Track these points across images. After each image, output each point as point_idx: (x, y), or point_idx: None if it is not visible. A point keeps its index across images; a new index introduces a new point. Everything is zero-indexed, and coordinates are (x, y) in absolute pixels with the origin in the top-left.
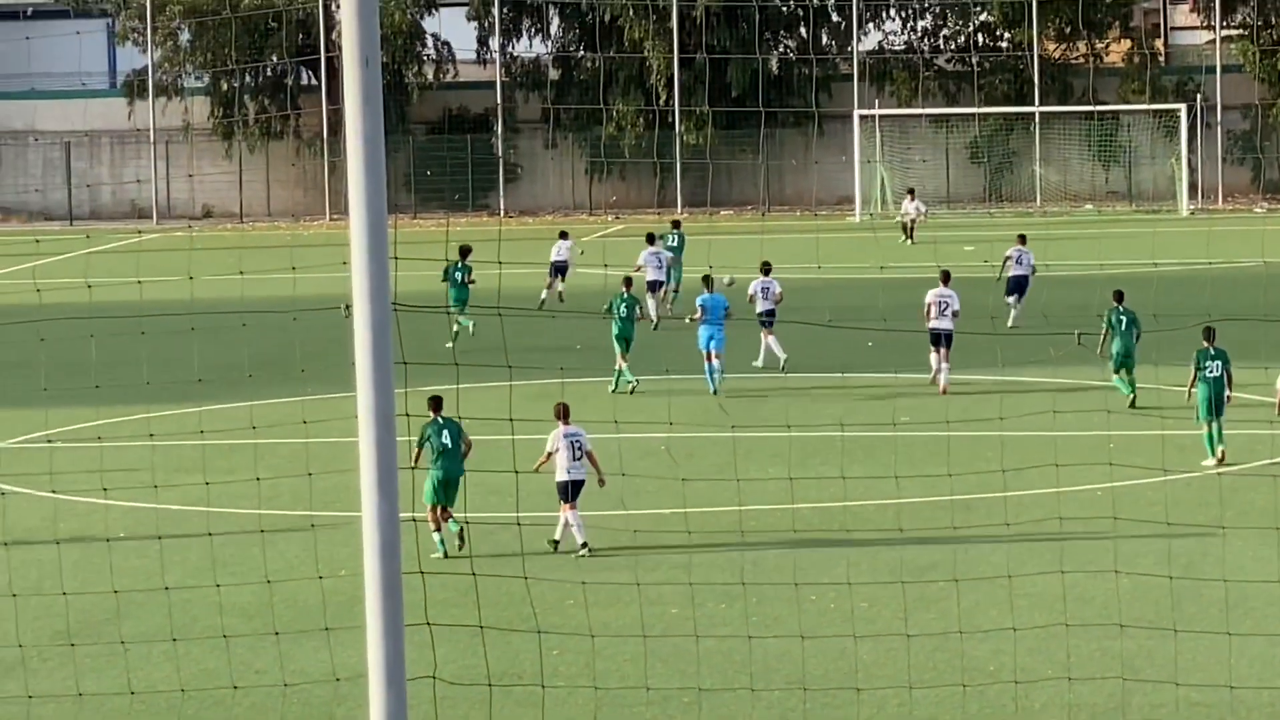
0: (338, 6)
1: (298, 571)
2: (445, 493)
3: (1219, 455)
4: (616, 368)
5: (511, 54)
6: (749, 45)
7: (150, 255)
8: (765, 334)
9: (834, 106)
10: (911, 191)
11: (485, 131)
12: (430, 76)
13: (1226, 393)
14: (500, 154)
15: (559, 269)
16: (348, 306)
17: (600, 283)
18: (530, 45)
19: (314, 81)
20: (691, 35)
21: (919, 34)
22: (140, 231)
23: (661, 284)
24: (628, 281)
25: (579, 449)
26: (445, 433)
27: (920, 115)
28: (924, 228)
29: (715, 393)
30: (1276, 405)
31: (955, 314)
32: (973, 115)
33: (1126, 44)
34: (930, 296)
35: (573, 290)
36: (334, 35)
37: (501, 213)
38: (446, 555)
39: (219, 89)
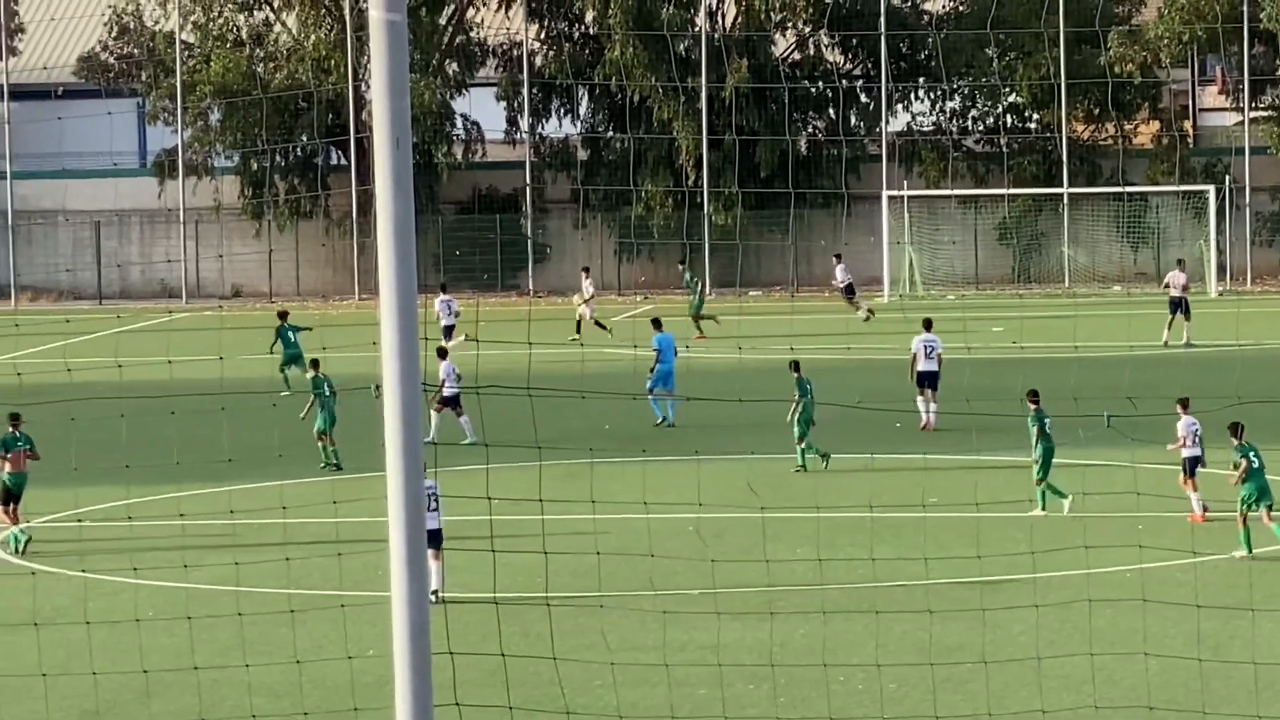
0: (368, 87)
1: (326, 651)
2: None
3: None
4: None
5: (541, 134)
6: (778, 126)
7: (180, 335)
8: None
9: (863, 187)
10: (838, 256)
11: (514, 211)
12: (459, 156)
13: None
14: (529, 234)
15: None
16: (378, 386)
17: (630, 364)
18: (559, 125)
19: (344, 161)
20: (720, 116)
21: (947, 115)
22: (170, 311)
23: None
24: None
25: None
26: (19, 443)
27: (949, 196)
28: (953, 308)
29: (669, 421)
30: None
31: (939, 358)
32: (1001, 196)
33: (1155, 125)
34: (916, 344)
35: (603, 370)
36: (364, 115)
37: (531, 292)
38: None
39: (249, 168)
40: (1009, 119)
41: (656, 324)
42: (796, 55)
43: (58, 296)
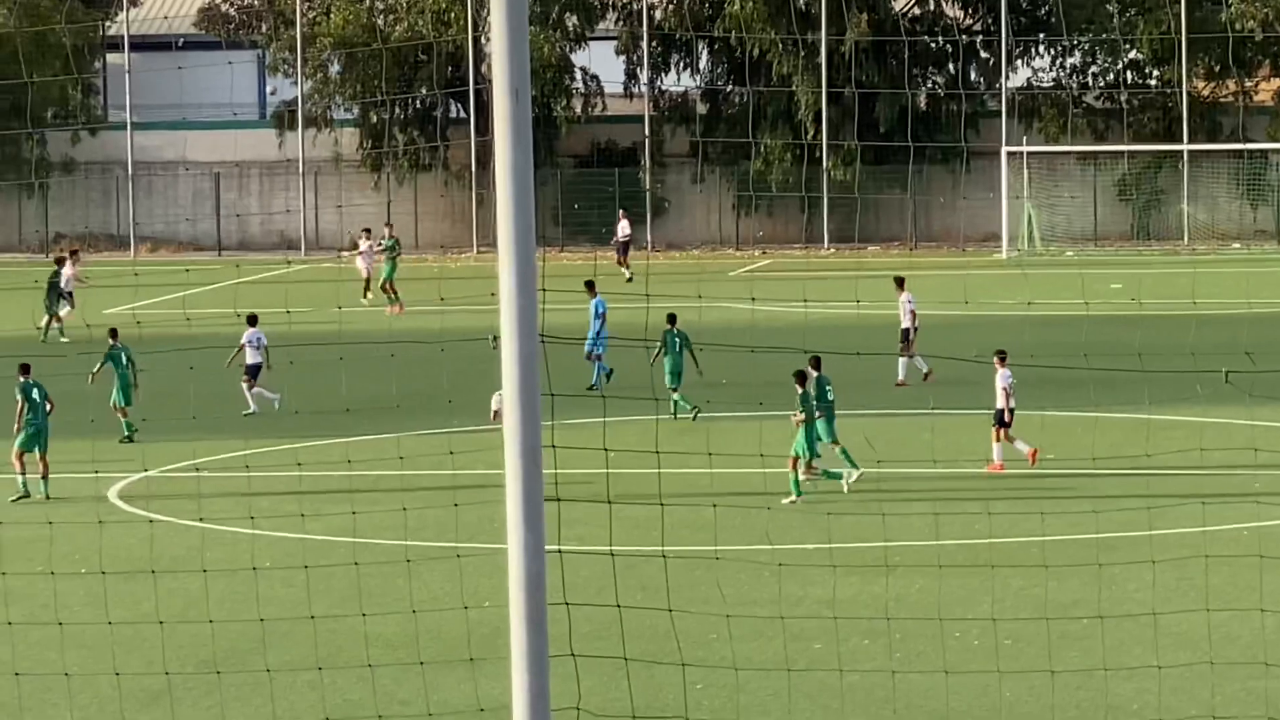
0: (487, 39)
1: (442, 602)
2: (39, 441)
3: None
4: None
5: (660, 88)
6: (897, 81)
7: (299, 286)
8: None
9: (982, 143)
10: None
11: (633, 165)
12: (579, 110)
13: None
14: (648, 188)
15: None
16: (495, 338)
17: (749, 318)
18: (679, 79)
19: (463, 114)
20: (840, 71)
21: (1067, 71)
22: (289, 262)
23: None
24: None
25: None
26: (35, 391)
27: (1068, 152)
28: (1071, 264)
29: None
30: None
31: (913, 313)
32: (1121, 152)
33: (1276, 83)
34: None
35: (718, 323)
36: (483, 68)
37: (649, 246)
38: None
39: (368, 121)
40: (1129, 75)
41: (590, 287)
42: (916, 10)
43: (177, 247)
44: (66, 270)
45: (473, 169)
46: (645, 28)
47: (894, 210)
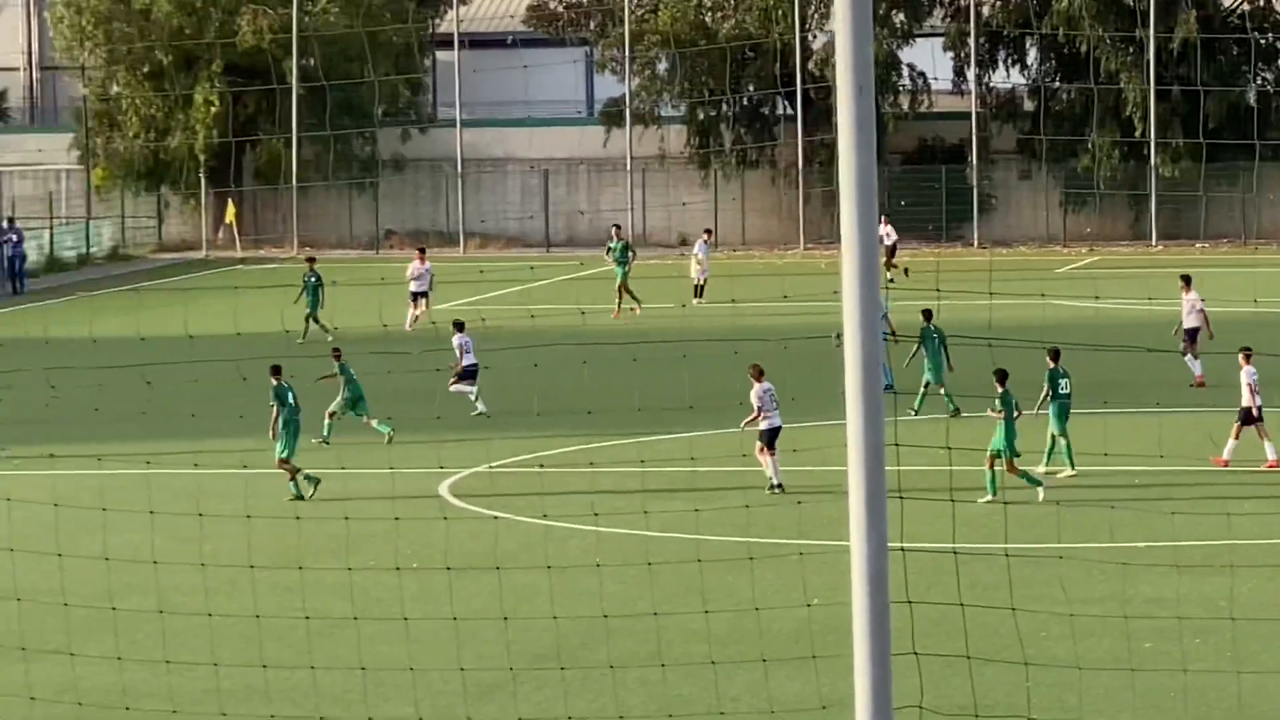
0: (814, 37)
1: (770, 600)
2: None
3: None
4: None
5: (987, 85)
6: (1226, 77)
7: (641, 282)
8: None
9: None
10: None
11: (960, 162)
12: (905, 107)
13: None
14: (975, 185)
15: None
16: (838, 335)
17: (1092, 316)
18: (1007, 76)
19: (790, 111)
20: (1168, 67)
21: None
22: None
23: None
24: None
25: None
26: (290, 394)
27: None
28: None
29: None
30: None
31: (1201, 312)
32: None
33: None
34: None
35: (1061, 320)
36: (810, 65)
37: (975, 243)
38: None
39: (695, 118)
40: None
41: (459, 326)
42: (1246, 6)
43: (505, 243)
44: (415, 267)
45: (799, 166)
46: (973, 24)
47: (1223, 207)
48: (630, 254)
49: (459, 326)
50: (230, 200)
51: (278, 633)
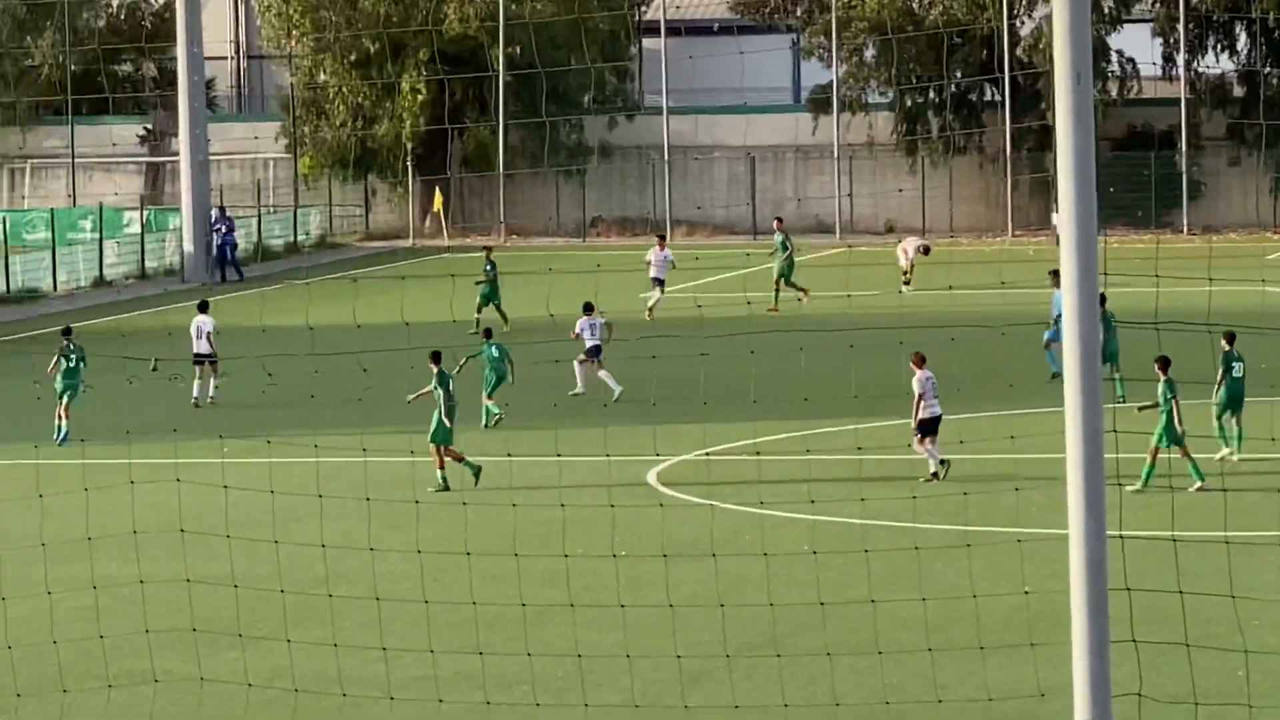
0: (1022, 22)
1: (982, 588)
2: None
3: None
4: None
5: (1197, 70)
6: None
7: (849, 270)
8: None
9: None
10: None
11: (1169, 149)
12: (1114, 93)
13: None
14: (1184, 171)
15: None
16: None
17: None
18: (1216, 61)
19: (997, 97)
20: None
21: None
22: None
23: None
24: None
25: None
26: (450, 382)
27: None
28: None
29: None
30: None
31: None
32: None
33: None
34: None
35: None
36: (1018, 51)
37: (1185, 230)
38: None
39: (902, 104)
40: None
41: (1055, 276)
42: None
43: (712, 231)
44: (656, 254)
45: (1007, 152)
46: (1182, 9)
47: None
48: (789, 247)
49: (588, 310)
50: (437, 189)
51: (489, 620)
